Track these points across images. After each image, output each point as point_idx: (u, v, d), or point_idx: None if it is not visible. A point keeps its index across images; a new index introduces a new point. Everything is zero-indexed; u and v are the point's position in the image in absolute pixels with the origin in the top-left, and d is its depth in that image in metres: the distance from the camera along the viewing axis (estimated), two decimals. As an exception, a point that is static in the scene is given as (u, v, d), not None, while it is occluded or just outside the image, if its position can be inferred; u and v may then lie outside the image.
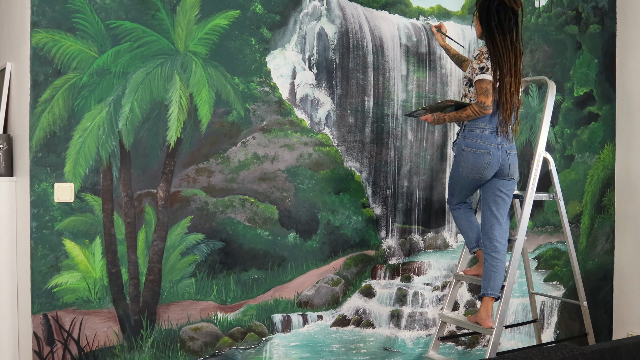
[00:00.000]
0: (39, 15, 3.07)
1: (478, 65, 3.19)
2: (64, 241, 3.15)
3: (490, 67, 3.17)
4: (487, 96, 3.15)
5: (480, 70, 3.18)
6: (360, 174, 3.79)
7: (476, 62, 3.20)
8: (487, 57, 3.18)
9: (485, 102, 3.15)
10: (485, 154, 3.23)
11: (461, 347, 4.07)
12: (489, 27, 3.22)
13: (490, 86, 3.16)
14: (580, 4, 4.35)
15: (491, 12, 3.21)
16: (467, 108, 3.21)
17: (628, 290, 4.39)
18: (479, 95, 3.17)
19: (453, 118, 3.28)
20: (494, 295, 3.32)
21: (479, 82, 3.17)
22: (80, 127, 3.17)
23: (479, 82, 3.17)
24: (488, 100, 3.15)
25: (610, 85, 4.45)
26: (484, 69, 3.17)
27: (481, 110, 3.17)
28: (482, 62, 3.18)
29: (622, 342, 2.58)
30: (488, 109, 3.17)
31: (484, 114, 3.19)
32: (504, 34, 3.20)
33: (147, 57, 3.28)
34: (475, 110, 3.18)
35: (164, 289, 3.36)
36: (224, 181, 3.48)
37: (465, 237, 3.51)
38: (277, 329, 3.63)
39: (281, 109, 3.59)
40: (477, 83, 3.18)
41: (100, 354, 3.23)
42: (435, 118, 3.34)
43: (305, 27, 3.65)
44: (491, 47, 3.21)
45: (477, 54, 3.23)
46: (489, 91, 3.16)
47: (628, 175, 4.40)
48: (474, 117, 3.21)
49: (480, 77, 3.17)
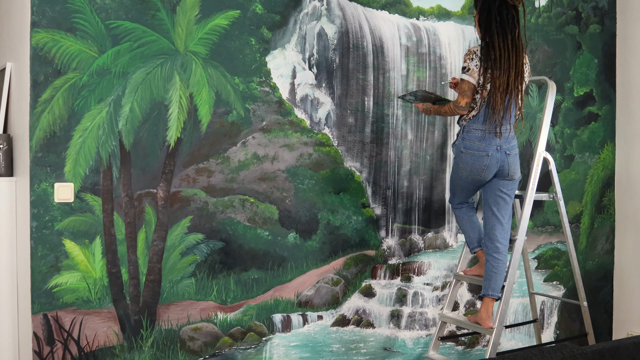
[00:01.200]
0: (39, 15, 3.07)
1: (462, 64, 3.23)
2: (64, 241, 3.15)
3: (472, 68, 3.17)
4: (463, 97, 3.19)
5: (462, 70, 3.22)
6: (360, 174, 3.79)
7: (463, 61, 3.24)
8: (472, 57, 3.18)
9: (460, 102, 3.19)
10: (484, 156, 3.22)
11: (461, 347, 4.07)
12: (488, 28, 3.19)
13: (467, 87, 3.18)
14: (580, 4, 4.35)
15: (492, 12, 3.18)
16: (445, 105, 3.28)
17: (628, 290, 4.39)
18: (458, 94, 3.22)
19: (435, 111, 3.35)
20: (494, 296, 3.31)
21: (460, 82, 3.23)
22: (80, 127, 3.17)
23: (460, 82, 3.23)
24: (463, 101, 3.19)
25: (610, 85, 4.45)
26: (465, 69, 3.19)
27: (455, 109, 3.22)
28: (465, 62, 3.21)
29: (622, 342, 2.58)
30: (462, 109, 3.21)
31: (458, 113, 3.24)
32: (505, 34, 3.17)
33: (147, 57, 3.28)
34: (450, 107, 3.24)
35: (164, 289, 3.36)
36: (224, 181, 3.48)
37: (466, 236, 3.51)
38: (277, 329, 3.63)
39: (281, 109, 3.59)
40: (459, 82, 3.23)
41: (100, 354, 3.23)
42: (424, 108, 3.40)
43: (305, 27, 3.65)
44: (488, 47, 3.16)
45: (465, 52, 3.26)
46: (466, 92, 3.19)
47: (628, 175, 4.40)
48: (450, 114, 3.27)
49: (460, 77, 3.22)
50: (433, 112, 3.35)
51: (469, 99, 3.19)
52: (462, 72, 3.21)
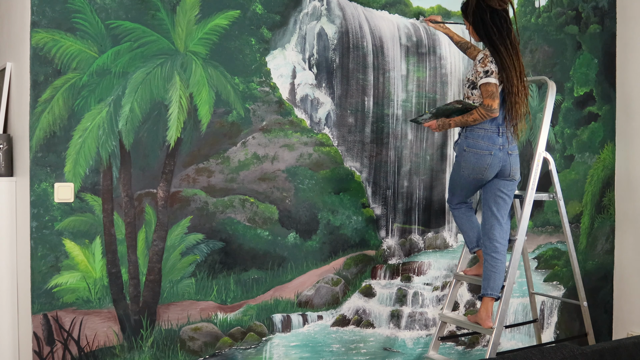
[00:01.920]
0: (39, 15, 3.07)
1: (482, 69, 3.18)
2: (64, 241, 3.15)
3: (494, 71, 3.17)
4: (494, 99, 3.15)
5: (485, 74, 3.17)
6: (360, 174, 3.79)
7: (480, 66, 3.19)
8: (491, 60, 3.18)
9: (492, 104, 3.14)
10: (487, 154, 3.23)
11: (461, 347, 4.07)
12: (491, 41, 3.21)
13: (496, 89, 3.15)
14: (580, 4, 4.35)
15: (487, 25, 3.21)
16: (474, 111, 3.19)
17: (628, 290, 4.39)
18: (485, 99, 3.17)
19: (459, 123, 3.24)
20: (494, 295, 3.32)
21: (484, 86, 3.17)
22: (80, 127, 3.17)
23: (485, 86, 3.17)
24: (494, 103, 3.14)
25: (610, 85, 4.45)
26: (489, 72, 3.16)
27: (488, 114, 3.16)
28: (486, 66, 3.18)
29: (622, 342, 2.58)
30: (495, 112, 3.16)
31: (491, 117, 3.17)
32: (505, 41, 3.21)
33: (147, 57, 3.28)
34: (482, 113, 3.16)
35: (164, 289, 3.36)
36: (224, 181, 3.49)
37: (465, 236, 3.51)
38: (277, 329, 3.63)
39: (281, 109, 3.59)
40: (483, 86, 3.17)
41: (100, 354, 3.23)
42: (440, 124, 3.29)
43: (305, 27, 3.65)
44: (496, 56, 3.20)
45: (481, 57, 3.22)
46: (495, 94, 3.15)
47: (628, 175, 4.40)
48: (480, 120, 3.19)
49: (485, 81, 3.16)
50: (454, 124, 3.25)
51: (498, 99, 3.16)
52: (485, 75, 3.16)
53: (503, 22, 3.22)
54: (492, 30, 3.20)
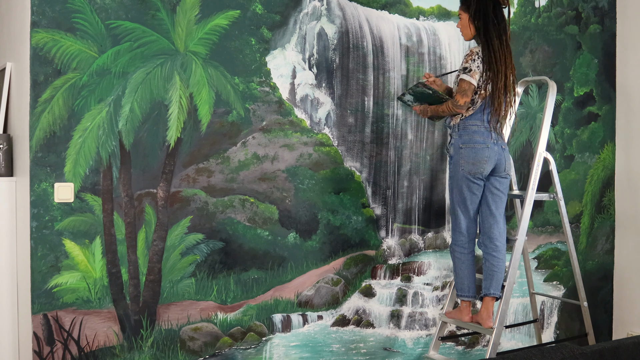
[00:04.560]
0: (39, 15, 3.07)
1: (463, 65, 3.24)
2: (64, 241, 3.15)
3: (473, 70, 3.20)
4: (463, 96, 3.20)
5: (463, 70, 3.23)
6: (360, 174, 3.79)
7: (463, 61, 3.26)
8: (474, 58, 3.22)
9: (459, 101, 3.20)
10: (485, 147, 3.27)
11: (461, 347, 4.07)
12: (487, 31, 3.24)
13: (468, 87, 3.20)
14: (580, 4, 4.35)
15: (489, 15, 3.24)
16: (444, 103, 3.27)
17: (628, 290, 4.39)
18: (456, 94, 3.23)
19: (433, 111, 3.33)
20: (495, 294, 3.33)
21: (460, 81, 3.23)
22: (80, 127, 3.17)
23: (460, 82, 3.23)
24: (462, 100, 3.20)
25: (610, 85, 4.45)
26: (467, 69, 3.22)
27: (454, 109, 3.23)
28: (467, 63, 3.23)
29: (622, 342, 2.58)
30: (460, 108, 3.22)
31: (456, 112, 3.25)
32: (500, 37, 3.25)
33: (147, 57, 3.28)
34: (449, 107, 3.24)
35: (164, 289, 3.36)
36: (224, 181, 3.48)
37: (460, 282, 3.41)
38: (277, 329, 3.63)
39: (281, 109, 3.59)
40: (459, 82, 3.24)
41: (100, 354, 3.23)
42: (421, 109, 3.39)
43: (305, 27, 3.65)
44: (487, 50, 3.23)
45: (467, 52, 3.27)
46: (467, 92, 3.20)
47: (628, 175, 4.40)
48: (447, 113, 3.28)
49: (461, 77, 3.22)
50: (430, 112, 3.35)
51: (468, 98, 3.21)
52: (463, 72, 3.22)
53: (502, 18, 3.28)
54: (492, 21, 3.24)
